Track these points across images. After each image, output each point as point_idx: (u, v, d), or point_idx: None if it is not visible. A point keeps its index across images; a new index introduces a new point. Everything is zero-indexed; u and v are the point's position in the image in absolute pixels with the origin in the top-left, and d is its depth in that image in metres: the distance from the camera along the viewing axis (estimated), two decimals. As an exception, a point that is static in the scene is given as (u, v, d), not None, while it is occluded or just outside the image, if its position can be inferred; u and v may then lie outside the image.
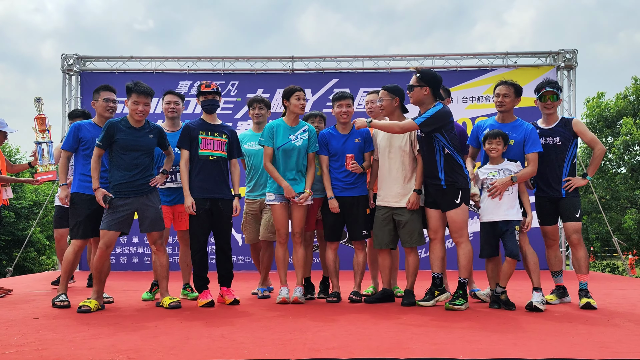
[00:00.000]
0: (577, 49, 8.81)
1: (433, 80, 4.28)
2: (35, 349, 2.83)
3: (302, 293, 4.64)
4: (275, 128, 4.64)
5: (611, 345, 2.93)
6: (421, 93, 4.28)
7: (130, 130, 4.27)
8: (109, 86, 4.74)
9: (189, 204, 4.37)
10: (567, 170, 4.43)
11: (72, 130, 4.55)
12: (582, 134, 4.44)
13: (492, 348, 2.84)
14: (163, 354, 2.71)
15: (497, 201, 4.24)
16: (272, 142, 4.60)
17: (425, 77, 4.27)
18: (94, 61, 9.13)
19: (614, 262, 20.95)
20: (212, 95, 4.59)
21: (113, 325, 3.54)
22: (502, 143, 4.31)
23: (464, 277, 4.24)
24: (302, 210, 4.64)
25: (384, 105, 4.52)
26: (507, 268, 4.21)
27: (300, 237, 4.69)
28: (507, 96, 4.48)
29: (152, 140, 4.34)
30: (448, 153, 4.23)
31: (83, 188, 4.43)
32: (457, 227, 4.24)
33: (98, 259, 4.22)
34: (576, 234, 4.39)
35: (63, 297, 4.36)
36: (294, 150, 4.60)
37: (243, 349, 2.83)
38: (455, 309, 4.09)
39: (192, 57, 9.11)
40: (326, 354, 2.71)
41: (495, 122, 4.57)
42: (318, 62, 9.14)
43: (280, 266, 4.71)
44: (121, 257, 8.49)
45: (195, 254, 4.51)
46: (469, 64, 9.09)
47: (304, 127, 4.71)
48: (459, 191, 4.21)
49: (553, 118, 4.52)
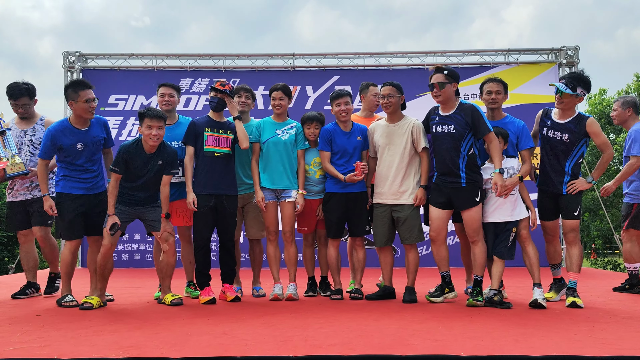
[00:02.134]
0: (578, 46, 8.78)
1: (457, 76, 4.33)
2: (38, 346, 2.84)
3: (296, 289, 4.67)
4: (262, 125, 4.75)
5: (613, 341, 2.93)
6: (451, 89, 4.28)
7: (141, 157, 4.25)
8: (85, 82, 4.43)
9: (190, 200, 4.37)
10: (570, 168, 4.32)
11: (49, 138, 4.31)
12: (595, 135, 4.28)
13: (494, 345, 2.85)
14: (165, 351, 2.72)
15: (502, 201, 4.22)
16: (259, 139, 4.70)
17: (452, 74, 4.29)
18: (96, 58, 9.12)
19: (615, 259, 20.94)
20: (222, 95, 4.57)
21: (115, 322, 3.55)
22: (502, 142, 4.29)
23: (480, 275, 4.24)
24: (291, 207, 4.66)
25: (392, 102, 4.48)
26: (497, 268, 4.23)
27: (291, 236, 4.72)
28: (499, 93, 4.47)
29: (160, 167, 4.32)
30: (472, 153, 4.23)
31: (68, 188, 4.37)
32: (476, 226, 4.22)
33: (102, 256, 4.23)
34: (573, 232, 4.34)
35: (70, 298, 4.34)
36: (280, 144, 4.65)
37: (244, 345, 2.84)
38: (478, 305, 4.11)
39: (194, 54, 9.09)
40: (327, 350, 2.72)
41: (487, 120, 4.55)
42: (319, 59, 9.12)
43: (272, 263, 4.72)
44: (123, 254, 8.50)
45: (198, 251, 4.52)
46: (471, 61, 9.06)
47: (291, 124, 4.78)
48: (479, 189, 4.22)
49: (567, 113, 4.35)
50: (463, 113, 4.22)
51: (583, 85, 4.28)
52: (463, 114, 4.22)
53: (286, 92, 4.77)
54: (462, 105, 4.27)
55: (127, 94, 8.68)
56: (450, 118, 4.27)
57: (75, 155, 4.36)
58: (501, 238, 4.25)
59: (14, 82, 4.97)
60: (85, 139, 4.38)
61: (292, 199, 4.68)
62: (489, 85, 4.50)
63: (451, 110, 4.28)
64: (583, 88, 4.28)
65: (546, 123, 4.39)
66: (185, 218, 4.72)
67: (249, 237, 4.97)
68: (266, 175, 4.66)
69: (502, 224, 4.26)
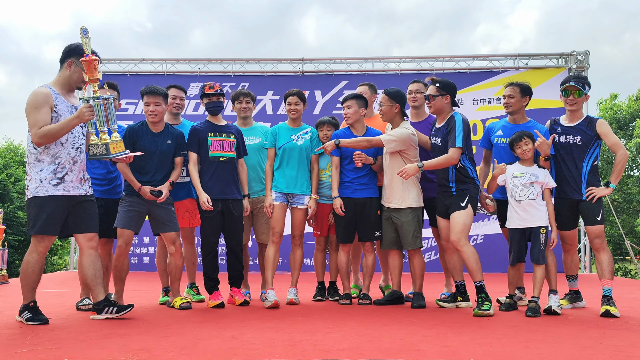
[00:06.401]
0: (589, 51, 8.76)
1: (452, 88, 4.32)
2: (49, 348, 2.86)
3: (296, 294, 4.68)
4: (278, 130, 4.76)
5: (624, 349, 2.90)
6: (443, 102, 4.29)
7: (148, 136, 4.28)
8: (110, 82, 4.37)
9: (204, 200, 4.35)
10: (587, 171, 4.26)
11: None
12: (605, 136, 4.25)
13: (503, 351, 2.83)
14: (174, 354, 2.73)
15: (527, 208, 4.16)
16: (274, 144, 4.71)
17: (445, 86, 4.29)
18: (106, 63, 9.21)
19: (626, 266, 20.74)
20: (216, 97, 4.59)
21: (125, 325, 3.57)
22: (530, 142, 4.23)
23: (479, 280, 4.14)
24: (302, 214, 4.67)
25: (383, 110, 4.53)
26: (539, 275, 4.15)
27: (299, 240, 4.72)
28: (511, 97, 4.48)
29: (169, 147, 4.34)
30: (461, 166, 4.22)
31: None
32: (458, 228, 4.14)
33: (117, 257, 4.25)
34: (598, 238, 4.23)
35: (87, 301, 4.35)
36: (295, 150, 4.66)
37: (253, 349, 2.84)
38: (484, 314, 3.97)
39: (203, 59, 9.16)
40: (336, 355, 2.71)
41: (508, 124, 4.54)
42: (328, 64, 9.16)
43: (269, 267, 4.64)
44: (132, 257, 8.55)
45: (206, 256, 4.53)
46: (480, 66, 9.06)
47: (306, 129, 4.79)
48: (467, 196, 4.19)
49: (577, 115, 4.34)
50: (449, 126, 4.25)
51: (587, 84, 4.40)
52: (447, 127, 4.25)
53: (301, 97, 4.80)
54: (452, 117, 4.26)
55: (138, 99, 8.77)
56: (439, 130, 4.34)
57: None
58: (534, 243, 4.15)
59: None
60: None
61: (304, 205, 4.68)
62: (504, 90, 4.56)
63: (442, 122, 4.34)
64: (588, 86, 4.40)
65: (556, 130, 4.37)
66: (192, 220, 4.73)
67: (259, 241, 4.97)
68: (280, 179, 4.66)
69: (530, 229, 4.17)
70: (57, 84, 3.75)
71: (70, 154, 3.71)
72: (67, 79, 3.76)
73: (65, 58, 3.75)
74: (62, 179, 3.66)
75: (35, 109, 3.56)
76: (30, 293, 3.67)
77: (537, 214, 4.16)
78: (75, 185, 3.73)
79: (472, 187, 4.25)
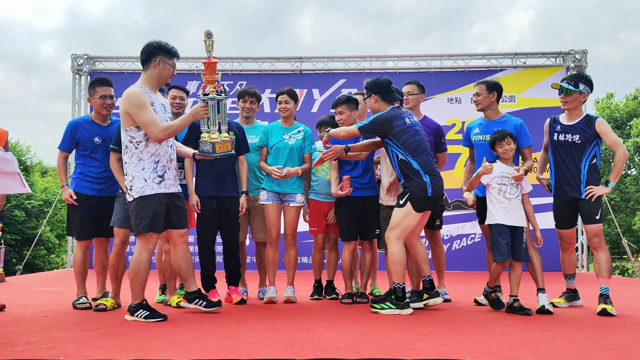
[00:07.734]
0: (586, 49, 8.75)
1: (375, 86, 4.27)
2: (45, 347, 2.86)
3: (293, 292, 4.69)
4: (270, 129, 4.77)
5: (621, 347, 2.91)
6: (371, 102, 4.32)
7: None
8: (105, 79, 4.49)
9: (194, 202, 4.37)
10: (586, 170, 4.24)
11: (69, 130, 4.42)
12: (604, 135, 4.23)
13: (500, 350, 2.83)
14: (171, 353, 2.72)
15: (508, 206, 4.14)
16: (266, 143, 4.74)
17: (369, 87, 4.31)
18: (104, 61, 9.19)
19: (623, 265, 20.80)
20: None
21: (121, 324, 3.57)
22: (512, 142, 4.24)
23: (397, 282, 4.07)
24: (294, 212, 4.68)
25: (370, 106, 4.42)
26: (518, 272, 4.15)
27: (292, 239, 4.73)
28: (479, 94, 4.51)
29: None
30: (402, 159, 4.12)
31: (81, 187, 4.40)
32: (392, 224, 4.11)
33: (114, 255, 4.25)
34: (597, 237, 4.22)
35: (84, 300, 4.35)
36: (286, 149, 4.66)
37: (250, 348, 2.84)
38: (379, 313, 4.01)
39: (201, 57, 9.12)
40: (333, 354, 2.71)
41: (484, 121, 4.55)
42: (326, 62, 9.15)
43: (270, 266, 4.72)
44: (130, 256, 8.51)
45: (202, 254, 4.52)
46: (478, 65, 9.04)
47: (299, 128, 4.77)
48: (407, 194, 4.09)
49: (575, 114, 4.32)
50: None
51: (585, 82, 4.31)
52: None
53: (292, 95, 4.77)
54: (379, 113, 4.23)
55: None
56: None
57: (93, 148, 4.38)
58: (517, 241, 4.15)
59: None
60: (103, 134, 4.42)
61: (296, 203, 4.69)
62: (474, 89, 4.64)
63: None
64: (585, 85, 4.30)
65: (555, 128, 4.36)
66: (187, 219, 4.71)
67: (256, 239, 4.97)
68: (272, 178, 4.66)
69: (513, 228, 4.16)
70: (147, 83, 3.80)
71: (167, 152, 3.81)
72: (157, 76, 3.80)
73: (151, 56, 3.77)
74: (163, 177, 3.74)
75: (142, 108, 3.65)
76: (142, 292, 3.78)
77: (521, 213, 4.19)
78: (172, 182, 3.82)
79: (415, 185, 4.08)
